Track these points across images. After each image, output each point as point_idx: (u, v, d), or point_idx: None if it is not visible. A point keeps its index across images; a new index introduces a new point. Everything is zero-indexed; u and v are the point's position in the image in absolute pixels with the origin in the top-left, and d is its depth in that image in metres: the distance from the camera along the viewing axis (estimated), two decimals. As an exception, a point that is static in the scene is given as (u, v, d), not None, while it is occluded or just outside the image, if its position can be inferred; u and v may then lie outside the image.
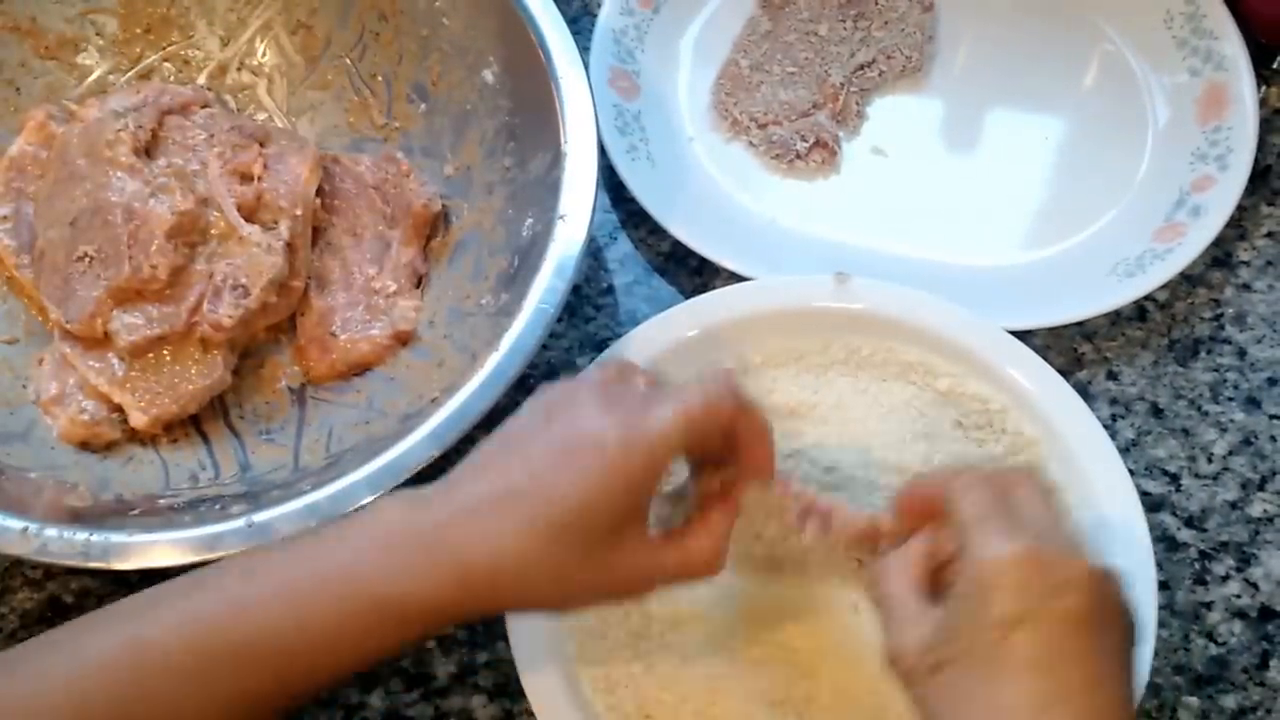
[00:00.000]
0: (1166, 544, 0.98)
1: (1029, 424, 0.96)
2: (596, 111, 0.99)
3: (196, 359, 0.97)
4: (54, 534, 0.84)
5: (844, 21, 1.19)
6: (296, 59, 1.12)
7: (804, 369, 0.99)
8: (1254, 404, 1.04)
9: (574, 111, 0.98)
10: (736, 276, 1.05)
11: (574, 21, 1.07)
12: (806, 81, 1.17)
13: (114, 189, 0.98)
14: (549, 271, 0.93)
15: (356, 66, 1.12)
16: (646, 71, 1.17)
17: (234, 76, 1.13)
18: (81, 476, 0.95)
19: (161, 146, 1.03)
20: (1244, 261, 1.10)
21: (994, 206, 1.13)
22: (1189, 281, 1.09)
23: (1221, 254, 1.10)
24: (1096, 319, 1.06)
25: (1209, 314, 1.08)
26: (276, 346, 1.03)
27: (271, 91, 1.13)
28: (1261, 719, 0.92)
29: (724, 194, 1.13)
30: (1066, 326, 1.05)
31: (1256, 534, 0.99)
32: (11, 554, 0.84)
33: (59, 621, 0.94)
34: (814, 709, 0.87)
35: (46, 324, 1.00)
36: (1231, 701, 0.93)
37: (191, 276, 0.98)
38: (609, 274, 1.10)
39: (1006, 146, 1.16)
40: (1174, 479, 1.01)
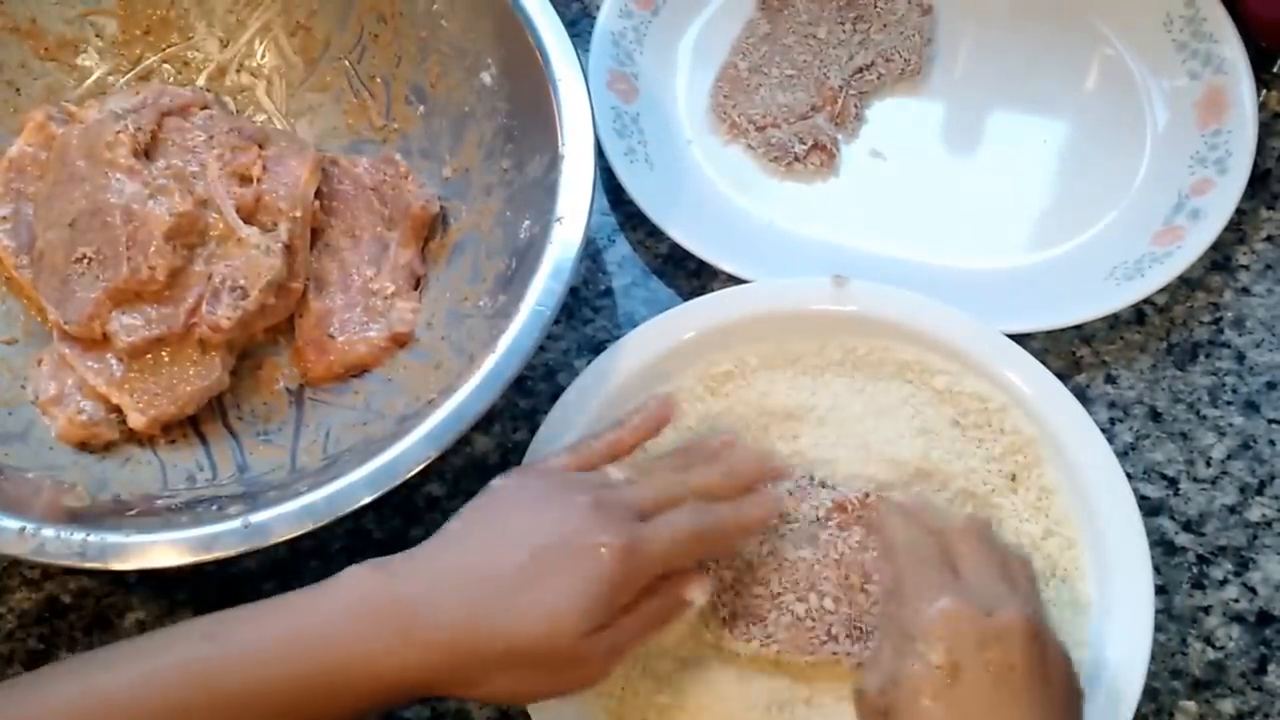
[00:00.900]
0: (1164, 548, 0.98)
1: (1027, 423, 0.97)
2: (594, 114, 0.99)
3: (195, 360, 0.97)
4: (51, 534, 0.84)
5: (843, 24, 1.19)
6: (295, 60, 1.13)
7: (801, 371, 0.99)
8: (1253, 408, 1.04)
9: (571, 114, 0.98)
10: (734, 279, 1.05)
11: (573, 24, 1.08)
12: (805, 84, 1.17)
13: (113, 190, 0.98)
14: (546, 273, 0.93)
15: (355, 68, 1.12)
16: (645, 74, 1.17)
17: (233, 78, 1.13)
18: (79, 477, 0.95)
19: (161, 148, 1.03)
20: (1243, 265, 1.10)
21: (992, 209, 1.13)
22: (1188, 285, 1.09)
23: (1220, 258, 1.10)
24: (1095, 322, 1.05)
25: (1208, 318, 1.08)
26: (275, 348, 1.03)
27: (270, 93, 1.13)
28: (1259, 723, 0.92)
29: (722, 196, 1.13)
30: (1065, 330, 1.05)
31: (1255, 538, 0.99)
32: (9, 554, 0.84)
33: (57, 621, 0.95)
34: (814, 714, 0.87)
35: (45, 324, 1.00)
36: (1229, 706, 0.93)
37: (190, 278, 0.98)
38: (607, 276, 1.10)
39: (1005, 150, 1.16)
40: (1172, 483, 1.01)
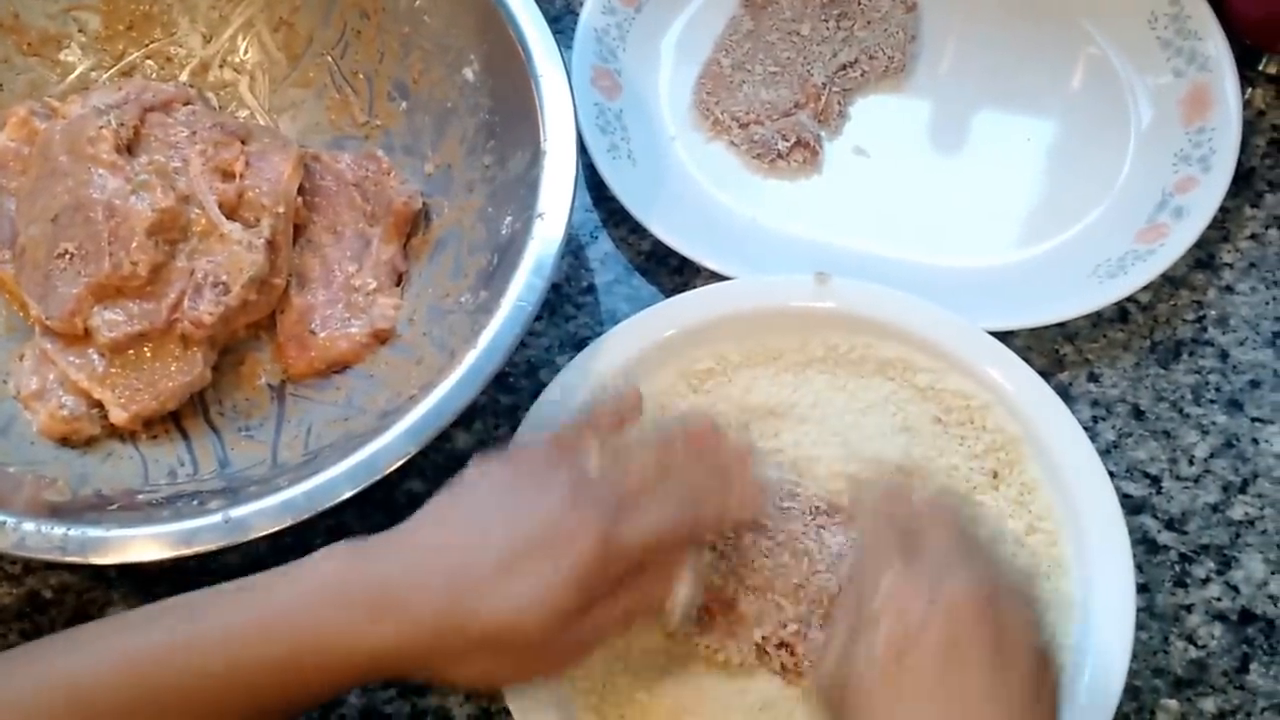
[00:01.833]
0: (1147, 546, 0.98)
1: (1010, 421, 0.97)
2: (577, 110, 0.99)
3: (177, 356, 0.97)
4: (32, 528, 0.84)
5: (826, 21, 1.19)
6: (278, 56, 1.13)
7: (783, 368, 0.99)
8: (1236, 406, 1.04)
9: (553, 110, 0.99)
10: (717, 276, 1.05)
11: (556, 20, 1.08)
12: (788, 81, 1.16)
13: (95, 186, 0.98)
14: (527, 269, 0.93)
15: (338, 64, 1.12)
16: (628, 70, 1.17)
17: (216, 74, 1.13)
18: (61, 471, 0.95)
19: (143, 144, 1.03)
20: (1227, 263, 1.10)
21: (976, 207, 1.12)
22: (1171, 283, 1.09)
23: (1204, 255, 1.10)
24: (1078, 320, 1.05)
25: (1191, 316, 1.08)
26: (257, 344, 1.03)
27: (253, 89, 1.13)
28: (1241, 722, 0.92)
29: (705, 193, 1.13)
30: (1048, 327, 1.05)
31: (1237, 537, 0.99)
32: (-10, 548, 0.84)
33: (38, 617, 0.95)
34: (799, 713, 0.87)
35: (27, 319, 1.00)
36: (1211, 705, 0.93)
37: (172, 273, 0.98)
38: (590, 273, 1.10)
39: (989, 147, 1.16)
40: (1155, 481, 1.01)
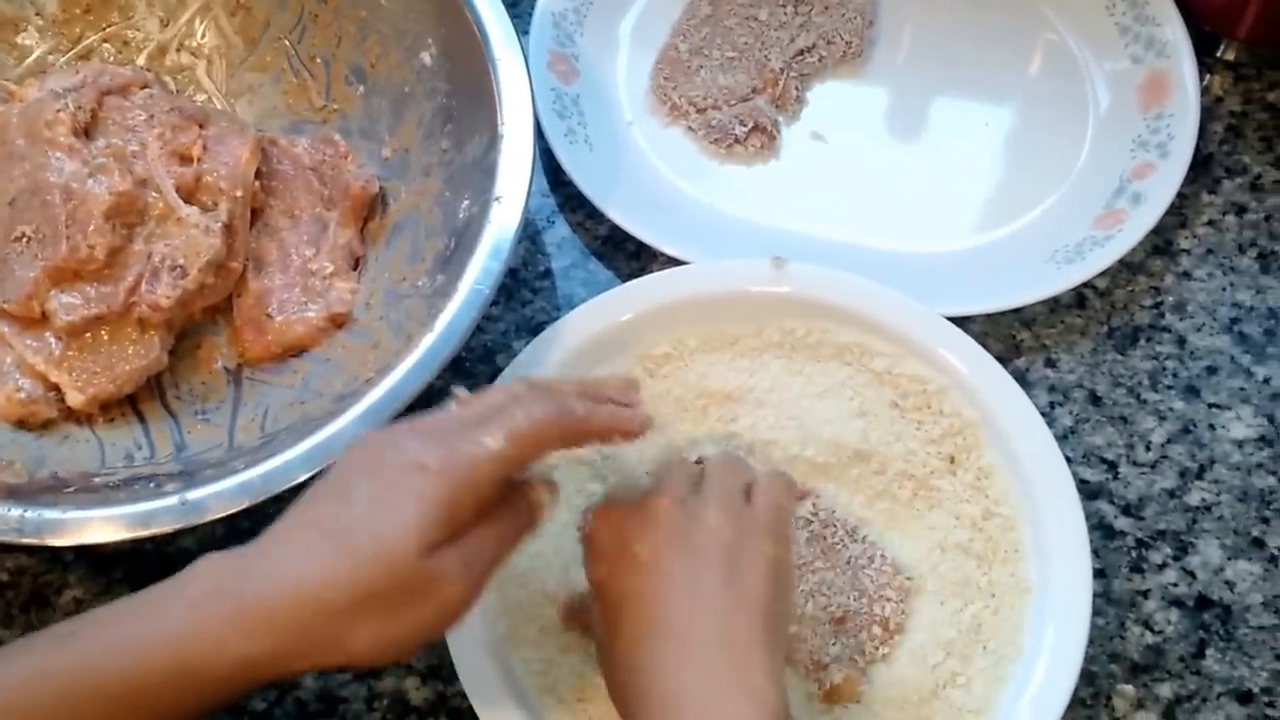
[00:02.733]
0: (1103, 532, 0.98)
1: (967, 406, 0.97)
2: (534, 94, 0.99)
3: (134, 339, 0.97)
4: (-13, 511, 0.84)
5: (784, 6, 1.19)
6: (236, 40, 1.12)
7: (739, 353, 1.00)
8: (1193, 392, 1.04)
9: (511, 94, 0.99)
10: (674, 261, 1.05)
11: (514, 5, 1.07)
12: (746, 66, 1.16)
13: (52, 169, 0.97)
14: (484, 253, 0.93)
15: (295, 48, 1.12)
16: (586, 55, 1.17)
17: (173, 57, 1.13)
18: (17, 454, 0.94)
19: (101, 127, 1.02)
20: (1184, 249, 1.10)
21: (933, 193, 1.13)
22: (1129, 269, 1.09)
23: (1162, 242, 1.10)
24: (1035, 306, 1.06)
25: (1149, 302, 1.08)
26: (214, 327, 1.03)
27: (211, 73, 1.12)
28: (1197, 708, 0.92)
29: (662, 178, 1.13)
30: (1005, 313, 1.05)
31: (1194, 523, 0.99)
32: (-54, 531, 0.84)
33: (-7, 600, 0.95)
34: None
35: (-16, 303, 1.00)
36: (1167, 690, 0.93)
37: (129, 257, 0.97)
38: (546, 257, 1.10)
39: (947, 133, 1.16)
40: (1112, 467, 1.01)
